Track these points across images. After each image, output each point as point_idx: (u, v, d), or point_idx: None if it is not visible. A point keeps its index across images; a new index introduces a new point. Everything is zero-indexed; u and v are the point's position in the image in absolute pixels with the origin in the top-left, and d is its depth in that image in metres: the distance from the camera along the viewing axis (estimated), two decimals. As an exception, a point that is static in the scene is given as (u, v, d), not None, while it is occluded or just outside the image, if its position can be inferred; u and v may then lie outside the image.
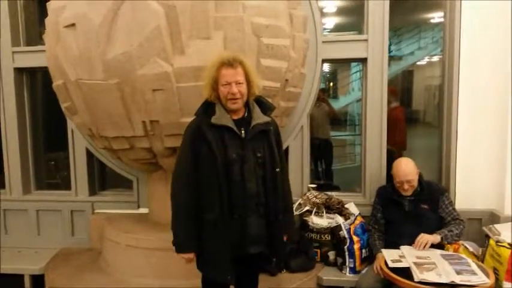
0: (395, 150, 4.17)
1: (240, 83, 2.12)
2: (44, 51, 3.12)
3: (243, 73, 2.14)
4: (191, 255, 2.22)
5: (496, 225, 3.11)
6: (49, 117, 4.21)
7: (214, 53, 2.56)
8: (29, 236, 3.90)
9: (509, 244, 2.76)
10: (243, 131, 2.17)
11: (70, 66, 2.82)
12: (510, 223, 3.06)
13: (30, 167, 4.01)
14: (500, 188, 3.33)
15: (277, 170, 2.23)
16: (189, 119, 2.37)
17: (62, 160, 4.19)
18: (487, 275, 2.44)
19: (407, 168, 2.96)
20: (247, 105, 2.23)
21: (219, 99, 2.18)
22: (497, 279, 2.55)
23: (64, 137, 3.83)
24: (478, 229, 3.35)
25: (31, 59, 3.75)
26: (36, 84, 4.11)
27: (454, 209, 2.98)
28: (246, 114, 2.22)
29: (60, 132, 3.86)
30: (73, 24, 2.73)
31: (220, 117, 2.14)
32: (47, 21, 3.01)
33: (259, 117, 2.20)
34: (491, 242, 2.96)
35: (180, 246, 2.22)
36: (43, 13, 3.16)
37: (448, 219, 2.95)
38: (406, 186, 2.94)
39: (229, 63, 2.12)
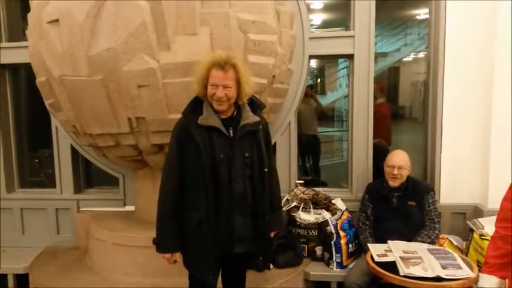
0: (386, 144, 4.20)
1: (228, 87, 2.06)
2: (27, 47, 3.06)
3: (234, 77, 2.06)
4: (171, 256, 2.20)
5: (479, 219, 3.16)
6: (33, 114, 4.14)
7: (200, 49, 2.56)
8: (13, 234, 3.84)
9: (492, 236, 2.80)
10: (231, 131, 2.14)
11: (53, 62, 2.78)
12: (493, 217, 3.10)
13: (14, 164, 3.95)
14: (484, 182, 3.39)
15: (266, 170, 2.21)
16: (175, 116, 2.35)
17: (46, 158, 4.13)
18: (471, 268, 2.49)
19: (402, 156, 3.07)
20: (236, 103, 2.18)
21: (207, 97, 2.15)
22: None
23: (48, 134, 3.77)
24: (462, 223, 3.41)
25: (14, 55, 3.68)
26: (19, 80, 4.04)
27: (435, 208, 3.02)
28: (235, 113, 2.19)
29: (45, 129, 3.80)
30: (56, 20, 2.67)
31: (208, 118, 2.11)
32: (30, 16, 2.96)
33: (248, 117, 2.16)
34: (475, 235, 3.01)
35: (159, 246, 2.21)
36: (26, 8, 3.10)
37: (425, 218, 3.00)
38: (395, 172, 2.98)
39: (221, 66, 2.04)
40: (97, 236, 3.24)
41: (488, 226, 2.97)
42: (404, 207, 3.00)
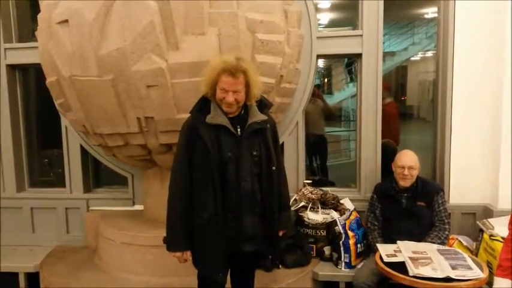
0: (394, 144, 4.19)
1: (237, 92, 2.08)
2: (37, 47, 3.09)
3: (244, 82, 2.08)
4: (181, 254, 2.21)
5: (489, 220, 3.14)
6: (42, 114, 4.17)
7: (209, 49, 2.57)
8: (24, 233, 3.87)
9: (502, 238, 2.78)
10: (238, 130, 2.15)
11: (63, 62, 2.80)
12: (504, 217, 3.08)
13: (24, 164, 3.98)
14: (494, 182, 3.36)
15: (274, 168, 2.22)
16: (184, 115, 2.36)
17: (56, 157, 4.17)
18: (481, 268, 2.47)
19: (412, 156, 3.05)
20: (244, 103, 2.19)
21: (216, 99, 2.16)
22: (491, 273, 2.57)
23: (58, 134, 3.80)
24: (472, 223, 3.39)
25: (23, 56, 3.71)
26: (29, 81, 4.08)
27: (445, 209, 3.00)
28: (243, 111, 2.20)
29: (54, 129, 3.83)
30: (66, 21, 2.70)
31: (216, 116, 2.12)
32: (40, 17, 2.98)
33: (255, 116, 2.17)
34: (485, 236, 2.99)
35: (170, 244, 2.22)
36: (35, 9, 3.13)
37: (434, 219, 2.98)
38: (406, 172, 2.96)
39: (231, 72, 2.05)
40: (106, 235, 3.26)
41: (498, 226, 2.95)
42: (414, 207, 2.98)
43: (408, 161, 3.00)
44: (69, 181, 3.83)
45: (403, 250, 2.67)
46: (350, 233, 3.16)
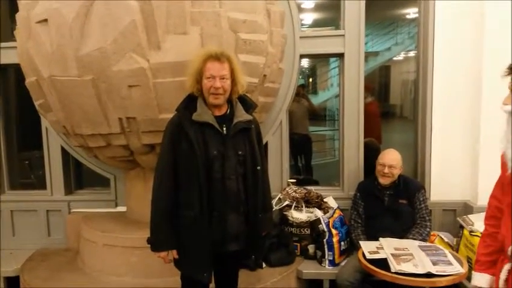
0: (377, 143, 4.23)
1: (224, 78, 2.09)
2: (16, 47, 3.04)
3: (229, 69, 2.11)
4: (166, 254, 2.20)
5: (469, 216, 3.20)
6: (22, 114, 4.10)
7: (191, 49, 2.56)
8: (4, 237, 3.79)
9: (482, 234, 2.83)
10: (224, 128, 2.15)
11: (43, 62, 2.75)
12: (483, 213, 3.14)
13: (4, 166, 3.90)
14: (473, 179, 3.42)
15: (258, 168, 2.23)
16: (166, 115, 2.35)
17: (36, 159, 4.09)
18: (461, 264, 2.52)
19: (394, 155, 3.10)
20: (229, 102, 2.21)
21: (202, 93, 2.15)
22: (470, 268, 2.62)
23: (38, 135, 3.74)
24: (452, 220, 3.45)
25: (2, 56, 3.63)
26: (9, 81, 4.00)
27: (426, 206, 3.05)
28: (229, 111, 2.20)
29: (34, 130, 3.77)
30: (45, 20, 2.65)
31: (202, 114, 2.12)
32: (18, 16, 2.93)
33: (241, 115, 2.18)
34: (465, 232, 3.04)
35: (155, 244, 2.20)
36: (14, 8, 3.07)
37: (416, 216, 3.03)
38: (386, 170, 3.01)
39: (217, 57, 2.09)
40: (88, 237, 3.22)
41: (478, 222, 3.01)
42: (396, 205, 3.03)
43: (389, 159, 3.04)
44: (50, 183, 3.77)
45: (386, 247, 2.71)
46: (334, 231, 3.19)
